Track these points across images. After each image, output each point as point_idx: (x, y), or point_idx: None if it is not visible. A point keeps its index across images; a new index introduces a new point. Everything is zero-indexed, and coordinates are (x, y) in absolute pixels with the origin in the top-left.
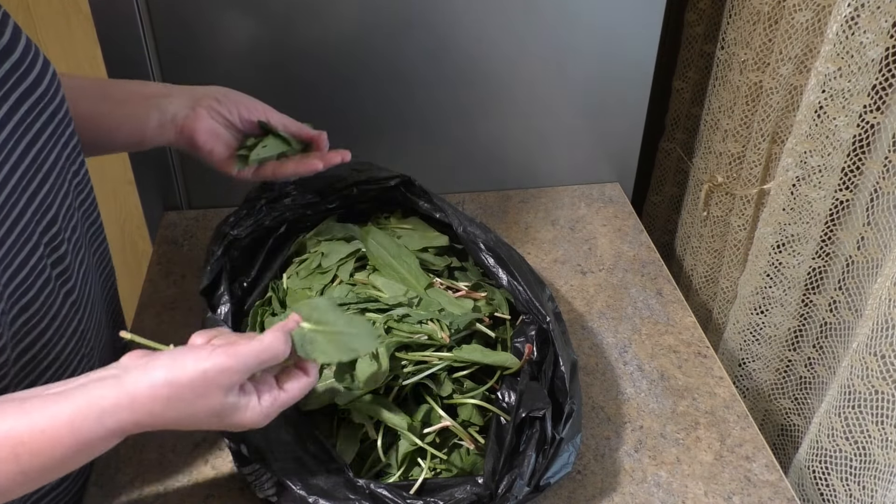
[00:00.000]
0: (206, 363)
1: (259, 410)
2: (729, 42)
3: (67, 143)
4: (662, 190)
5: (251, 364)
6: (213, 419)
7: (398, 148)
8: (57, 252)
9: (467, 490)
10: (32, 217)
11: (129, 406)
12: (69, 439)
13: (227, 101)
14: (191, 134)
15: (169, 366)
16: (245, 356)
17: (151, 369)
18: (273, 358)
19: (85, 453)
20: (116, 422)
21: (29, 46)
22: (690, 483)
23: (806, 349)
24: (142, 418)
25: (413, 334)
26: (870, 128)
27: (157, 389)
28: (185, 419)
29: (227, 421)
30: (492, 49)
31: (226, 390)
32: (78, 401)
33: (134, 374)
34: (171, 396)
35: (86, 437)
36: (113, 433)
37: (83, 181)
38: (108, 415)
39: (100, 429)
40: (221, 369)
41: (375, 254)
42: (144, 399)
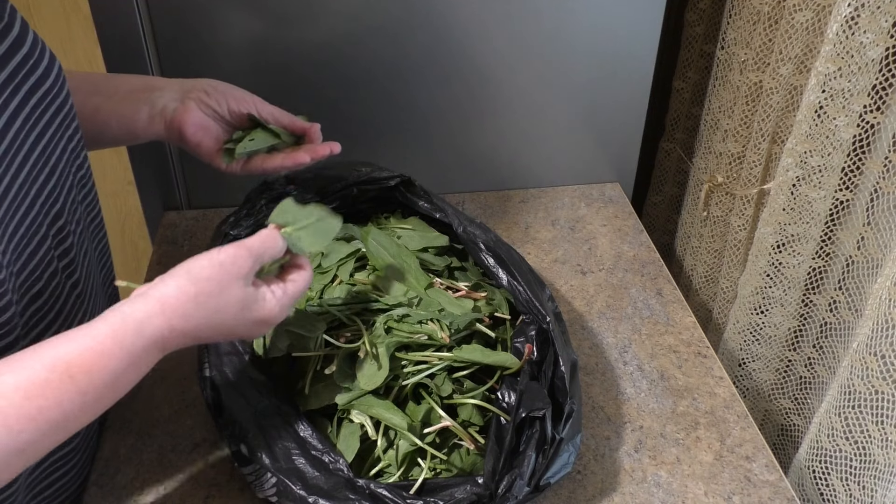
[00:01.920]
0: (219, 256)
1: (274, 301)
2: (729, 42)
3: (72, 137)
4: (662, 190)
5: (258, 251)
6: (240, 313)
7: (398, 148)
8: (63, 244)
9: (467, 490)
10: (41, 209)
11: (161, 312)
12: (116, 351)
13: (216, 94)
14: (179, 127)
15: (187, 269)
16: (250, 245)
17: (172, 277)
18: (273, 247)
19: (133, 367)
20: (154, 328)
21: (37, 40)
22: (690, 483)
23: (806, 349)
24: (175, 322)
25: (413, 334)
26: (870, 128)
27: (182, 289)
28: (216, 317)
29: (250, 315)
30: (492, 49)
31: (242, 279)
32: (114, 319)
33: (157, 287)
34: (197, 293)
35: (130, 348)
36: (154, 342)
37: (86, 175)
38: (145, 324)
39: (140, 339)
40: (234, 258)
41: (375, 254)
42: (173, 301)
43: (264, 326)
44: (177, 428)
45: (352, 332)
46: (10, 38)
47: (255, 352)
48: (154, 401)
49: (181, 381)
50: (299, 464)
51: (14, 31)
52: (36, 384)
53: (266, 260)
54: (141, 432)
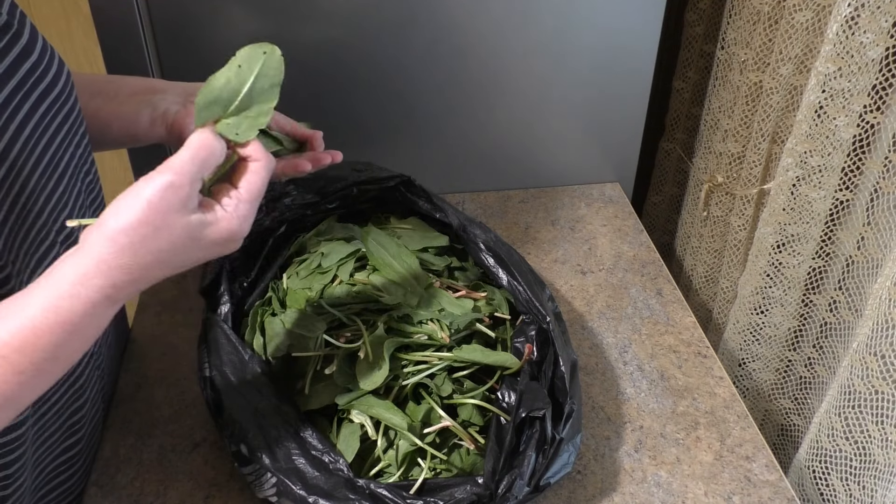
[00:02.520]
0: (145, 192)
1: (228, 215)
2: (729, 42)
3: (80, 142)
4: (662, 190)
5: (190, 170)
6: (192, 245)
7: (398, 148)
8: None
9: (467, 490)
10: (50, 215)
11: (96, 269)
12: (51, 323)
13: None
14: (180, 131)
15: (114, 213)
16: (181, 163)
17: (102, 225)
18: (210, 154)
19: (76, 336)
20: (92, 289)
21: (46, 47)
22: (690, 483)
23: (806, 349)
24: (117, 276)
25: (413, 334)
26: (870, 128)
27: (114, 241)
28: (163, 258)
29: (205, 240)
30: (492, 49)
31: (182, 209)
32: (48, 286)
33: (90, 239)
34: (132, 241)
35: (67, 316)
36: (94, 302)
37: (94, 180)
38: (80, 285)
39: (79, 303)
40: (164, 189)
41: (375, 254)
42: (107, 256)
43: (230, 243)
44: (177, 428)
45: (352, 332)
46: (20, 46)
47: (255, 352)
48: (154, 401)
49: (181, 381)
50: (299, 464)
51: (23, 39)
52: None
53: (206, 174)
54: (141, 432)
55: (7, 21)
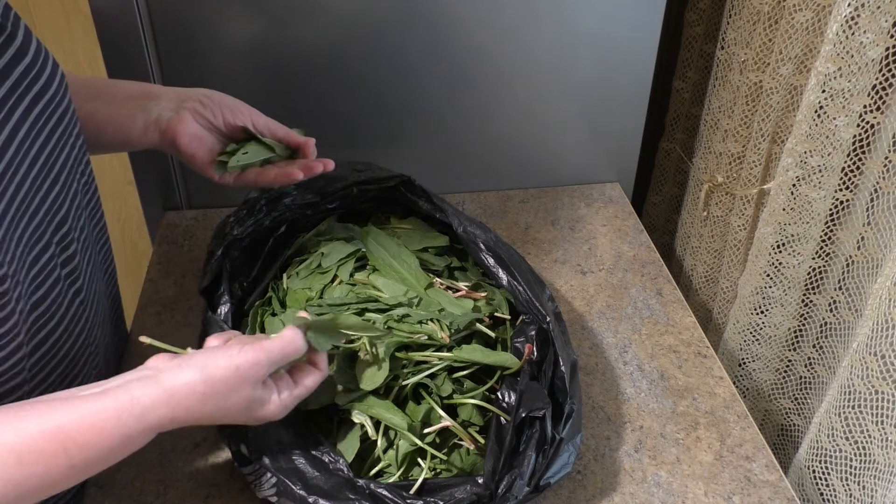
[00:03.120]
0: (238, 359)
1: (279, 403)
2: (729, 42)
3: (75, 144)
4: (662, 190)
5: (276, 358)
6: (242, 412)
7: (398, 148)
8: (67, 251)
9: (467, 490)
10: (45, 217)
11: (167, 403)
12: (114, 433)
13: (212, 104)
14: (173, 137)
15: (203, 365)
16: (271, 351)
17: (186, 368)
18: (295, 352)
19: (126, 447)
20: (157, 417)
21: (40, 49)
22: (690, 483)
23: (806, 349)
24: (178, 414)
25: (413, 334)
26: (870, 128)
27: (193, 387)
28: (217, 413)
29: (252, 414)
30: (492, 49)
31: (254, 384)
32: (121, 398)
33: (170, 374)
34: (206, 392)
35: (128, 431)
36: (152, 428)
37: (89, 181)
38: (150, 411)
39: (140, 424)
40: (252, 364)
41: (375, 254)
42: (182, 396)
43: (262, 421)
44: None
45: None
46: (13, 48)
47: None
48: None
49: None
50: (299, 464)
51: (17, 42)
52: (32, 451)
53: (284, 364)
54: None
55: (0, 24)
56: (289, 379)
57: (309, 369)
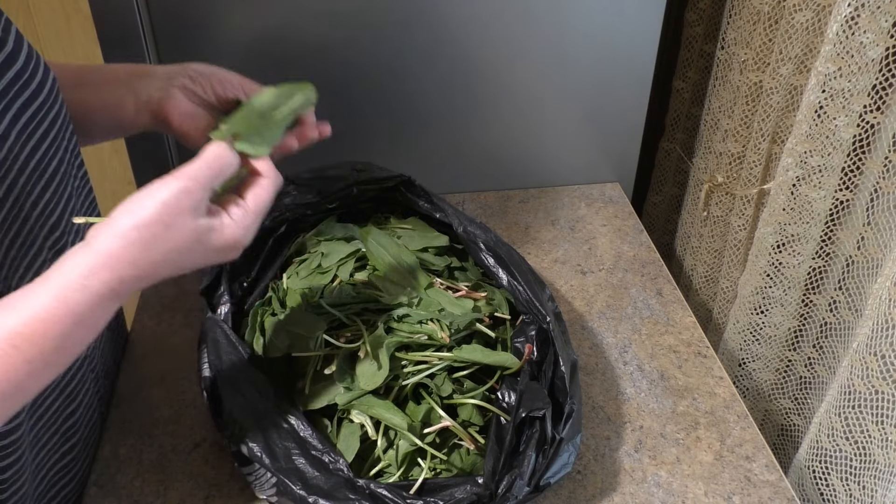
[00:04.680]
0: (162, 193)
1: (234, 224)
2: (729, 42)
3: (68, 148)
4: (662, 190)
5: (204, 178)
6: (195, 247)
7: (398, 148)
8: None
9: (467, 490)
10: (36, 222)
11: (106, 263)
12: (61, 314)
13: (201, 79)
14: (165, 117)
15: (129, 210)
16: (196, 171)
17: (114, 222)
18: (224, 165)
19: (83, 327)
20: (100, 282)
21: (31, 54)
22: (690, 483)
23: (806, 349)
24: (124, 271)
25: (413, 334)
26: (870, 128)
27: (126, 236)
28: (169, 257)
29: (209, 245)
30: (491, 49)
31: (192, 212)
32: (57, 279)
33: (100, 235)
34: (142, 237)
35: (75, 307)
36: (101, 296)
37: (83, 184)
38: (90, 277)
39: (87, 295)
40: (178, 192)
41: (375, 254)
42: (118, 250)
43: (231, 251)
44: (177, 428)
45: (352, 332)
46: (5, 52)
47: (255, 352)
48: (154, 401)
49: (181, 381)
50: (299, 464)
51: (8, 46)
52: None
53: (218, 183)
54: (141, 432)
55: None
56: (237, 198)
57: (255, 180)
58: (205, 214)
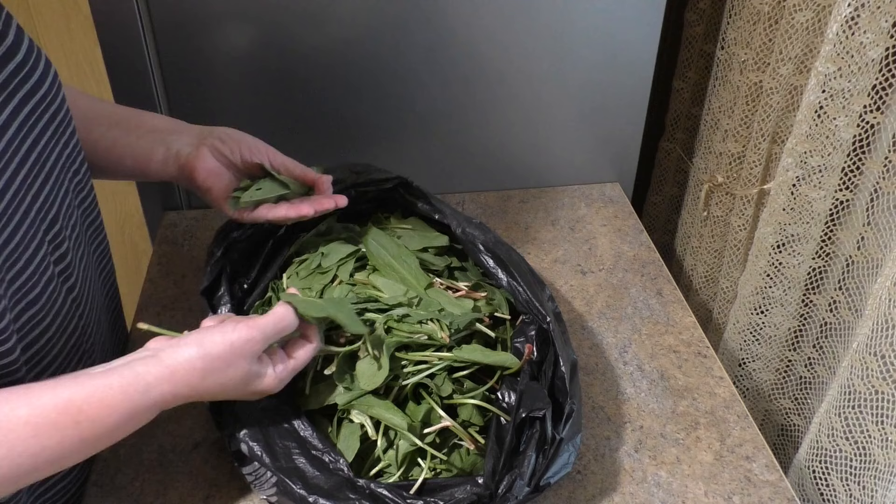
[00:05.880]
0: (232, 336)
1: (275, 376)
2: (729, 42)
3: (68, 143)
4: (662, 190)
5: (270, 333)
6: (240, 386)
7: (398, 148)
8: (59, 250)
9: (467, 490)
10: (36, 216)
11: (169, 379)
12: (121, 407)
13: (231, 141)
14: (191, 172)
15: (199, 342)
16: (264, 326)
17: (185, 346)
18: (287, 327)
19: (132, 422)
20: (160, 393)
21: (32, 48)
22: (690, 483)
23: (806, 349)
24: (180, 390)
25: (413, 334)
26: (870, 128)
27: (192, 363)
28: (216, 388)
29: (250, 388)
30: (491, 50)
31: (249, 359)
32: (126, 375)
33: (170, 352)
34: (205, 368)
35: (134, 406)
36: (156, 404)
37: (83, 180)
38: (153, 387)
39: (146, 399)
40: (246, 339)
41: (375, 254)
42: (182, 373)
43: (261, 396)
44: (177, 428)
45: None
46: (5, 45)
47: None
48: None
49: None
50: (299, 463)
51: (8, 39)
52: (46, 424)
53: (277, 339)
54: (141, 432)
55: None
56: (283, 353)
57: (301, 343)
58: (257, 362)
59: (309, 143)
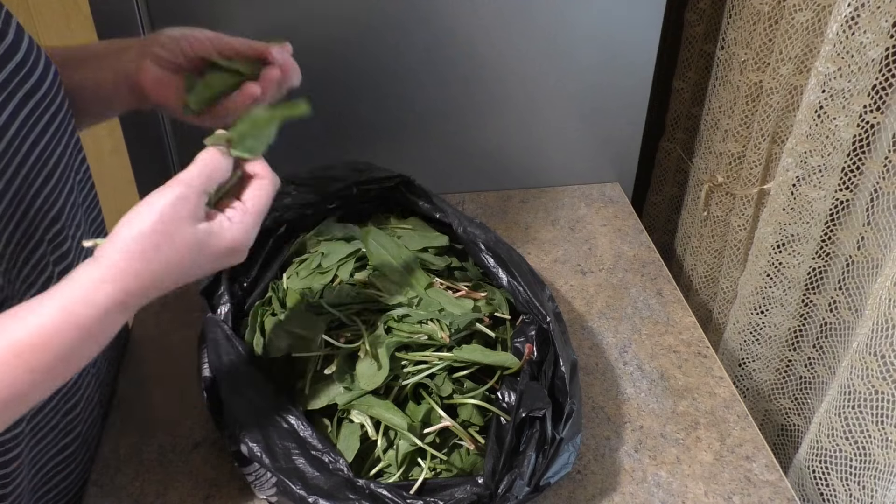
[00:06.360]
0: (158, 203)
1: (234, 226)
2: (729, 42)
3: (69, 140)
4: (662, 190)
5: (199, 184)
6: (200, 255)
7: (398, 148)
8: (60, 249)
9: (467, 490)
10: (36, 215)
11: (110, 276)
12: (66, 326)
13: (171, 43)
14: (140, 90)
15: (129, 222)
16: (190, 177)
17: (116, 236)
18: (216, 170)
19: (89, 339)
20: (105, 295)
21: (32, 46)
22: (690, 483)
23: (806, 349)
24: (129, 284)
25: (413, 334)
26: (870, 128)
27: (128, 248)
28: (171, 266)
29: (211, 250)
30: (492, 50)
31: (190, 219)
32: (63, 292)
33: (103, 250)
34: (144, 248)
35: (81, 320)
36: (106, 309)
37: (85, 178)
38: (94, 291)
39: (92, 308)
40: (175, 200)
41: (375, 254)
42: (121, 263)
43: (234, 255)
44: (177, 428)
45: (352, 332)
46: (5, 44)
47: (255, 352)
48: (154, 401)
49: (181, 381)
50: (299, 464)
51: (8, 38)
52: None
53: (213, 187)
54: (141, 432)
55: None
56: (235, 201)
57: (252, 182)
58: (203, 220)
59: (308, 143)
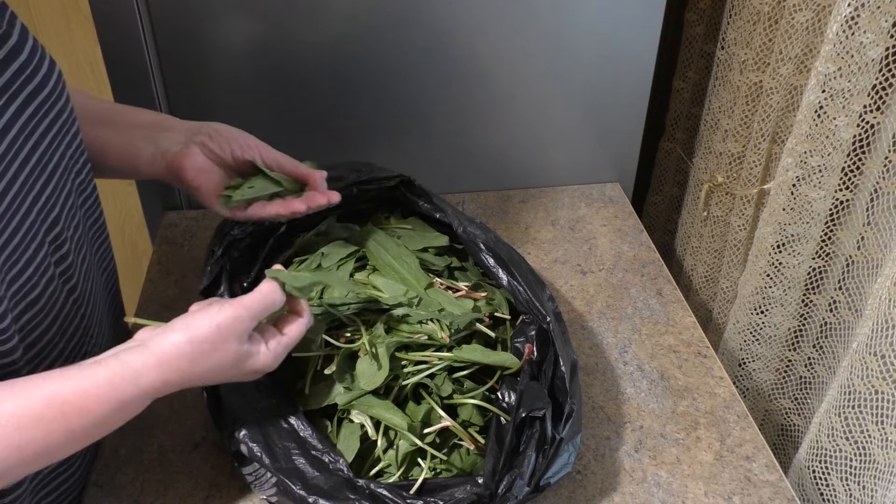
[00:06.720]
0: (217, 317)
1: (269, 353)
2: (729, 42)
3: (71, 142)
4: (662, 190)
5: (256, 311)
6: (233, 369)
7: (398, 148)
8: (60, 250)
9: (467, 490)
10: (37, 216)
11: (157, 366)
12: (109, 398)
13: (220, 138)
14: (179, 170)
15: (185, 327)
16: (250, 304)
17: (171, 332)
18: (273, 304)
19: (123, 412)
20: (149, 381)
21: (36, 47)
22: (690, 483)
23: (806, 349)
24: (170, 377)
25: (413, 334)
26: (870, 128)
27: (180, 347)
28: (208, 372)
29: (243, 368)
30: (492, 49)
31: (238, 338)
32: (113, 365)
33: (157, 340)
34: (193, 352)
35: (123, 396)
36: (146, 393)
37: (86, 180)
38: (141, 375)
39: (135, 389)
40: (233, 319)
41: (375, 254)
42: (170, 358)
43: (257, 375)
44: (177, 428)
45: (352, 332)
46: (9, 45)
47: None
48: (154, 401)
49: None
50: (299, 464)
51: (12, 39)
52: (30, 417)
53: (264, 316)
54: (141, 432)
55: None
56: (274, 330)
57: (293, 318)
58: (246, 341)
59: (308, 143)
